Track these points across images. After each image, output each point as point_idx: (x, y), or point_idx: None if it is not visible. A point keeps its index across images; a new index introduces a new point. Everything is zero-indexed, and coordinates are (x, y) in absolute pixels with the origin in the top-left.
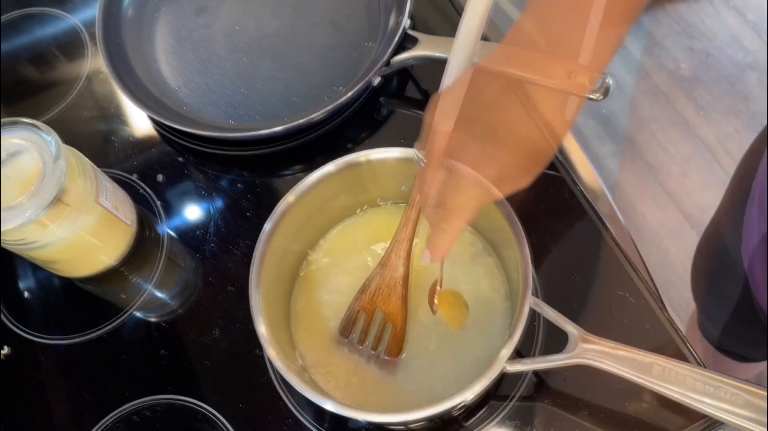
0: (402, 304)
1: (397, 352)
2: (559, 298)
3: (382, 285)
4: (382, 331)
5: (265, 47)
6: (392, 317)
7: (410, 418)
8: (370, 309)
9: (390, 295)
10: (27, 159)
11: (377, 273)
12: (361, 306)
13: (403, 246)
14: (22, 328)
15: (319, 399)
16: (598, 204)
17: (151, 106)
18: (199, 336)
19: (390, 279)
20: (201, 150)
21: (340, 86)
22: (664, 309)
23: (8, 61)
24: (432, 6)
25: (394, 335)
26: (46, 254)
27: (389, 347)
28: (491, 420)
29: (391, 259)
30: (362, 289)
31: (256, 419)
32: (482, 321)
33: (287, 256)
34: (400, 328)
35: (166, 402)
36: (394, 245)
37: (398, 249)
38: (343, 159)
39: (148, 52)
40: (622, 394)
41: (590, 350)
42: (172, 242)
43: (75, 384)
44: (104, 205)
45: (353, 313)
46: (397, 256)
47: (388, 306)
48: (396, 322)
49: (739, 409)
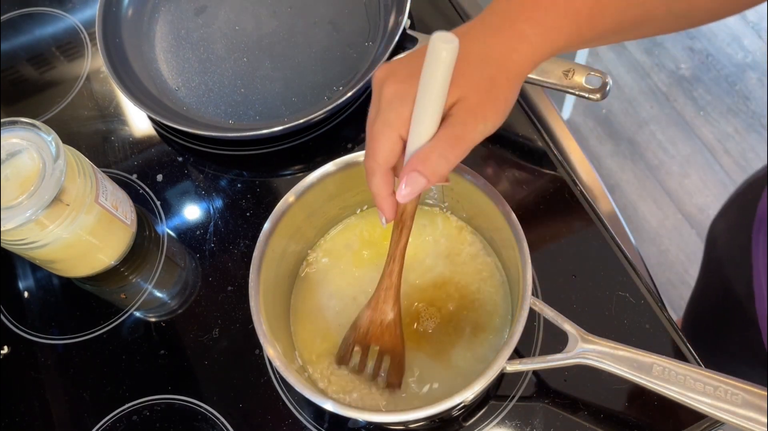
0: (398, 341)
1: (399, 382)
2: (559, 298)
3: (373, 327)
4: (381, 361)
5: (264, 47)
6: (389, 351)
7: (410, 418)
8: (364, 343)
9: (383, 334)
10: (26, 158)
11: (367, 315)
12: (356, 340)
13: (390, 294)
14: (21, 328)
15: (318, 399)
16: (598, 204)
17: (151, 105)
18: (199, 336)
19: (381, 323)
20: (200, 149)
21: (340, 86)
22: (664, 309)
23: (8, 61)
24: (431, 6)
25: (392, 365)
26: (46, 254)
27: (389, 376)
28: (491, 420)
29: (380, 306)
30: (354, 326)
31: (256, 419)
32: (482, 320)
33: (287, 256)
34: (398, 361)
35: (166, 402)
36: (381, 292)
37: (386, 296)
38: (343, 159)
39: (147, 52)
40: (622, 394)
41: (590, 350)
42: (172, 242)
43: (74, 384)
44: (104, 204)
45: (349, 346)
46: (386, 303)
47: (383, 343)
48: (393, 355)
49: (739, 409)
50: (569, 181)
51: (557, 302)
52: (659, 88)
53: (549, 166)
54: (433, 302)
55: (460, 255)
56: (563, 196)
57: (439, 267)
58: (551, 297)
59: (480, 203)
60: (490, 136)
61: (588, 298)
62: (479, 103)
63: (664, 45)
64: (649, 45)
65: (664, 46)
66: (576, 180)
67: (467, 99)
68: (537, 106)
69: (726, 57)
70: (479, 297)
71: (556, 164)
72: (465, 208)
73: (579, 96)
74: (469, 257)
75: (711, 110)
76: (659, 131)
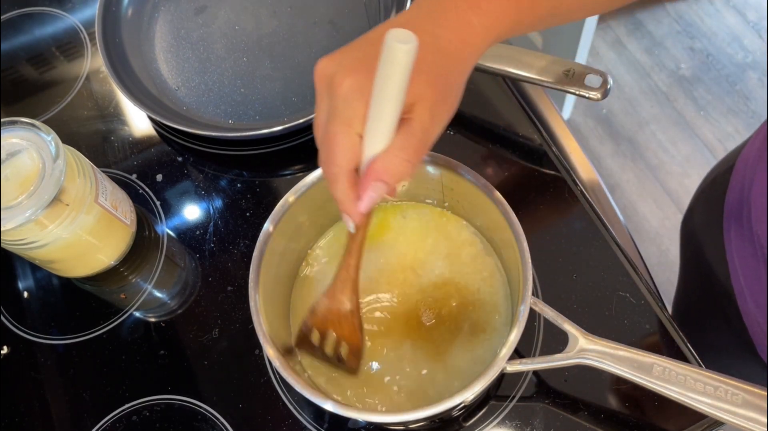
0: (355, 329)
1: (356, 367)
2: (559, 298)
3: (330, 314)
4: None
5: (264, 47)
6: (346, 339)
7: (410, 418)
8: (322, 329)
9: (340, 322)
10: (26, 158)
11: (324, 303)
12: (314, 324)
13: (347, 286)
14: (21, 328)
15: (318, 399)
16: (598, 204)
17: (150, 105)
18: (199, 336)
19: (338, 312)
20: (200, 149)
21: None
22: (664, 309)
23: (8, 61)
24: None
25: (351, 352)
26: (45, 254)
27: (348, 361)
28: (491, 420)
29: (336, 296)
30: (312, 311)
31: (256, 419)
32: (482, 321)
33: (287, 256)
34: (356, 348)
35: (166, 402)
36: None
37: (343, 288)
38: None
39: (147, 52)
40: (622, 394)
41: (590, 350)
42: (172, 242)
43: (74, 385)
44: (103, 204)
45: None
46: (342, 294)
47: (341, 330)
48: (351, 343)
49: (739, 409)
50: (569, 180)
51: (557, 302)
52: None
53: (549, 165)
54: (432, 302)
55: (460, 256)
56: (563, 196)
57: (439, 267)
58: (551, 297)
59: (480, 203)
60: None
61: (588, 298)
62: (437, 102)
63: (664, 45)
64: (649, 45)
65: (664, 45)
66: (576, 180)
67: (425, 98)
68: (537, 106)
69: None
70: (479, 297)
71: (556, 164)
72: (465, 208)
73: (579, 96)
74: (469, 257)
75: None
76: (659, 131)
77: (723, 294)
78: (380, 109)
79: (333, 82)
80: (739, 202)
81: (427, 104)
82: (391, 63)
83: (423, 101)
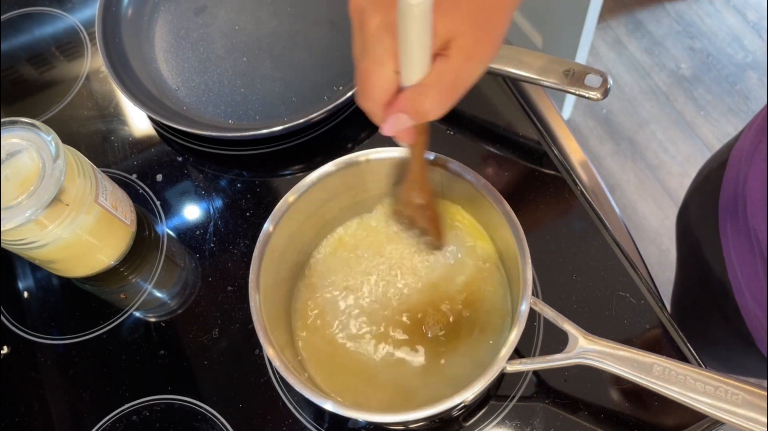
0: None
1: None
2: (559, 298)
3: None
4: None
5: (264, 47)
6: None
7: (410, 418)
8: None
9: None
10: (26, 158)
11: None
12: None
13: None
14: (21, 328)
15: (318, 399)
16: (598, 204)
17: (150, 105)
18: (199, 336)
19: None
20: (200, 149)
21: (340, 86)
22: (664, 309)
23: (8, 61)
24: None
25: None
26: (45, 254)
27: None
28: (491, 420)
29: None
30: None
31: (256, 419)
32: (482, 321)
33: (287, 256)
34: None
35: (166, 402)
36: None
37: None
38: (343, 158)
39: (147, 52)
40: (622, 394)
41: (590, 350)
42: (172, 242)
43: (74, 385)
44: (103, 204)
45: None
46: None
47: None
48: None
49: (739, 409)
50: (569, 180)
51: (557, 302)
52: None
53: (549, 166)
54: (432, 303)
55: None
56: (563, 196)
57: (439, 267)
58: (551, 297)
59: (480, 203)
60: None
61: (588, 298)
62: (475, 41)
63: (664, 45)
64: (649, 45)
65: (664, 45)
66: (576, 180)
67: (463, 36)
68: (537, 106)
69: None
70: (479, 297)
71: (556, 164)
72: (465, 208)
73: (579, 96)
74: (468, 257)
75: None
76: (659, 131)
77: (720, 288)
78: (408, 50)
79: (363, 15)
80: (734, 196)
81: (462, 43)
82: (407, 18)
83: (458, 39)
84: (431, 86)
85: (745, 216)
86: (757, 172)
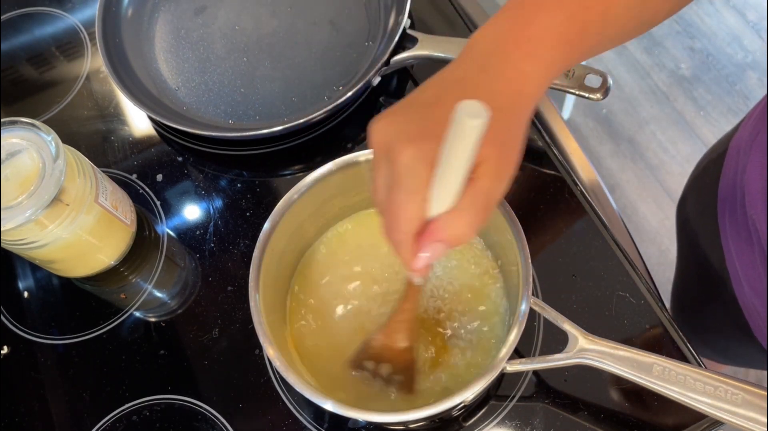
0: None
1: (411, 391)
2: (559, 298)
3: (385, 351)
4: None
5: (264, 47)
6: (401, 372)
7: (410, 418)
8: (377, 360)
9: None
10: (26, 158)
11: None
12: (369, 356)
13: (403, 327)
14: (21, 328)
15: (318, 399)
16: (598, 204)
17: (150, 105)
18: (199, 336)
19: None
20: (200, 149)
21: (340, 86)
22: (664, 309)
23: (8, 61)
24: (431, 6)
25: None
26: (45, 254)
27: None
28: (491, 420)
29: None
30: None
31: (256, 419)
32: (482, 320)
33: (287, 256)
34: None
35: (166, 402)
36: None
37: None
38: (343, 158)
39: (147, 52)
40: (622, 394)
41: (590, 350)
42: (172, 242)
43: (74, 384)
44: (103, 204)
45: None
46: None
47: (396, 364)
48: (405, 375)
49: (739, 409)
50: (569, 180)
51: (557, 302)
52: (659, 88)
53: (549, 166)
54: (432, 303)
55: (460, 258)
56: (563, 196)
57: (439, 267)
58: (551, 297)
59: None
60: None
61: (588, 298)
62: (501, 162)
63: (664, 45)
64: (649, 45)
65: (664, 45)
66: (576, 180)
67: (490, 159)
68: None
69: (726, 57)
70: (479, 296)
71: (556, 164)
72: None
73: (579, 96)
74: (469, 257)
75: (711, 110)
76: (659, 131)
77: (718, 279)
78: (447, 177)
79: (393, 150)
80: (733, 187)
81: (491, 164)
82: (462, 137)
83: (487, 162)
84: (465, 210)
85: (744, 207)
86: (755, 162)
